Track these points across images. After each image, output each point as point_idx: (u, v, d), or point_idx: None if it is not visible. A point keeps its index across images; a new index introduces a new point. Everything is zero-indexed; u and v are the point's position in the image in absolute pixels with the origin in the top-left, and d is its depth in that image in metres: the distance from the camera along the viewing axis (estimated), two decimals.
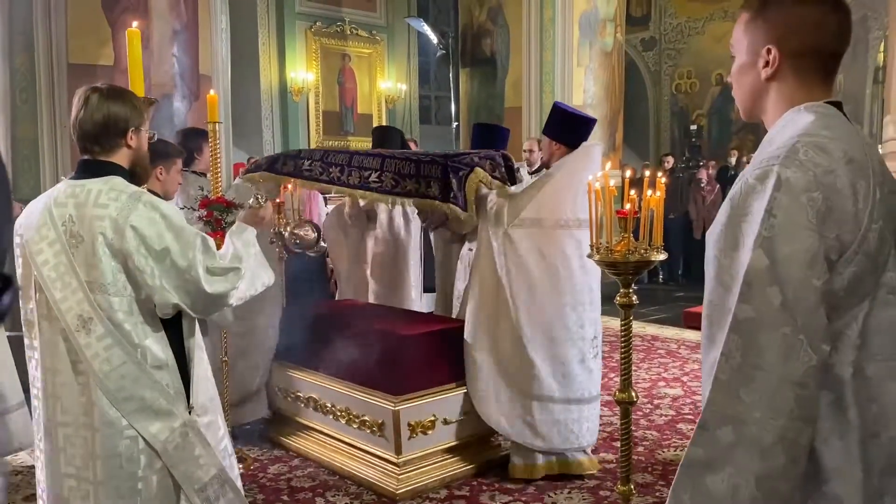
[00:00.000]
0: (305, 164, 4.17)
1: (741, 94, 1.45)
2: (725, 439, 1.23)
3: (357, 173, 4.00)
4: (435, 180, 3.73)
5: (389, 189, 3.91)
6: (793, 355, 1.19)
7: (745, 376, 1.22)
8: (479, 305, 3.68)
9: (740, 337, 1.22)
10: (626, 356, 2.95)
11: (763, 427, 1.20)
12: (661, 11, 13.24)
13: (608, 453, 4.00)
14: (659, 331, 7.17)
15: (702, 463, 1.26)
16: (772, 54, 1.35)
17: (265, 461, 3.97)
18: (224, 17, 6.39)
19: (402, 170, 3.87)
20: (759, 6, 1.38)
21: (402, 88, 13.00)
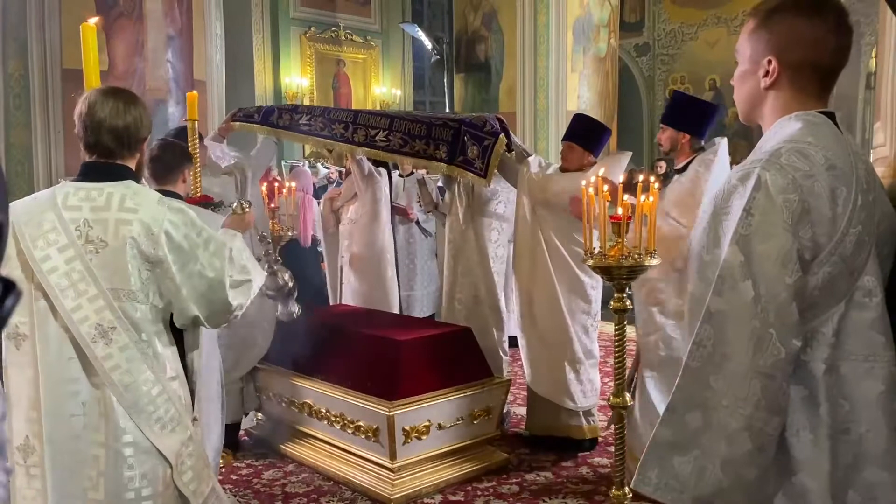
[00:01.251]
0: (304, 119, 4.17)
1: (740, 99, 1.50)
2: (694, 423, 1.29)
3: (363, 131, 4.03)
4: (444, 143, 3.81)
5: (397, 148, 3.98)
6: (762, 347, 1.24)
7: (715, 365, 1.27)
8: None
9: (712, 327, 1.28)
10: (619, 361, 2.96)
11: (730, 414, 1.26)
12: (655, 17, 13.29)
13: (602, 458, 4.00)
14: None
15: (670, 444, 1.32)
16: (772, 65, 1.41)
17: (259, 467, 3.96)
18: (218, 22, 6.39)
19: (413, 130, 3.93)
20: (763, 16, 1.42)
21: (397, 94, 13.02)
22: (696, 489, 1.28)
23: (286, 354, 4.20)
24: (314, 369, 3.96)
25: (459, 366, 3.77)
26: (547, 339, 4.06)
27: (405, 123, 3.97)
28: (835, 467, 1.30)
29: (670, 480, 1.31)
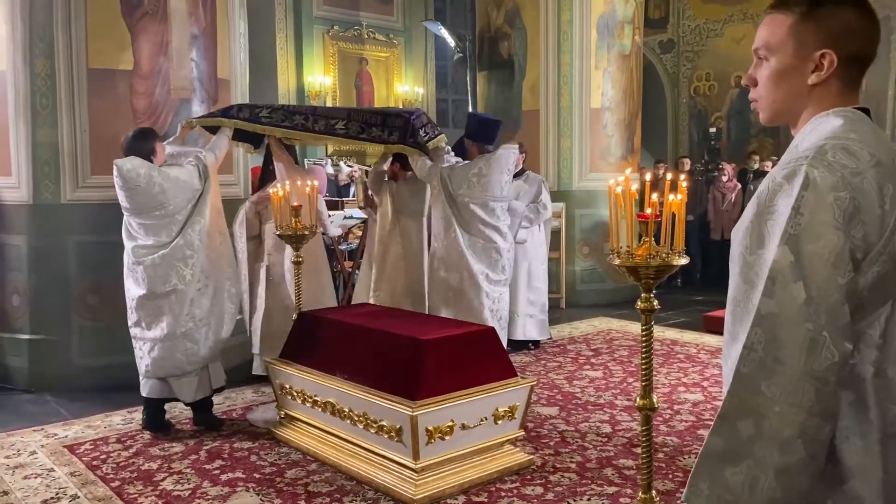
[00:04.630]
0: (264, 112, 4.70)
1: (775, 98, 1.42)
2: (745, 432, 1.25)
3: (323, 121, 4.69)
4: (396, 129, 4.73)
5: (355, 135, 4.76)
6: (815, 351, 1.21)
7: (766, 370, 1.23)
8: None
9: (763, 331, 1.24)
10: (646, 362, 2.91)
11: (783, 421, 1.22)
12: (680, 14, 13.14)
13: (628, 460, 3.96)
14: (678, 335, 7.10)
15: (721, 454, 1.28)
16: (827, 59, 1.35)
17: (283, 465, 3.96)
18: (242, 22, 6.41)
19: (370, 119, 4.76)
20: (808, 8, 1.36)
21: (419, 92, 13.01)
22: (750, 501, 1.24)
23: (309, 352, 4.20)
24: (337, 368, 3.94)
25: (483, 365, 3.74)
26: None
27: (362, 114, 4.77)
28: (887, 473, 1.27)
29: (722, 493, 1.27)
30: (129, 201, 4.33)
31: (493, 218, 5.04)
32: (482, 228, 4.99)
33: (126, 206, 4.36)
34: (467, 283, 4.98)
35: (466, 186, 4.93)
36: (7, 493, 3.66)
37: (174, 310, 4.38)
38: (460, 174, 4.95)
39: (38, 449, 4.25)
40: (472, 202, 4.95)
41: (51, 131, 5.40)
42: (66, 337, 5.44)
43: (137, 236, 4.39)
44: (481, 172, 4.96)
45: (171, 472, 3.88)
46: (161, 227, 4.37)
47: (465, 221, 4.98)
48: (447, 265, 5.03)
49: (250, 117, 4.80)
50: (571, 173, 8.88)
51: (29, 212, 5.52)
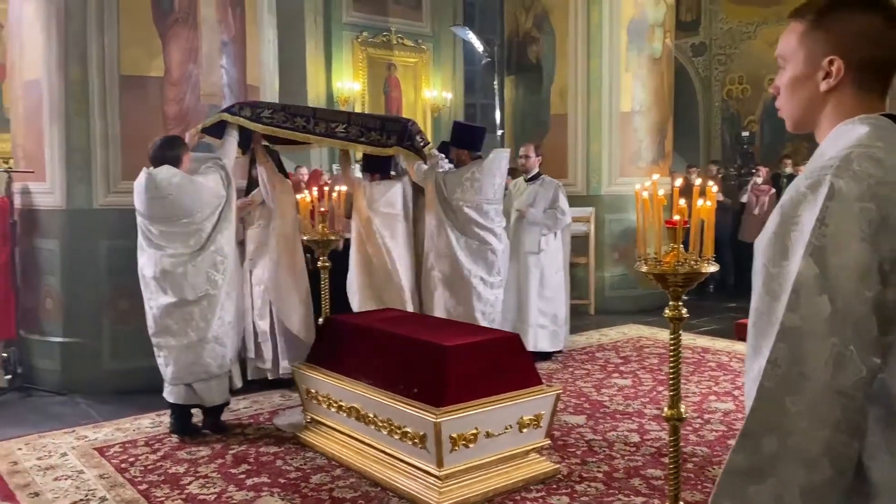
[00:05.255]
0: (265, 113, 4.77)
1: (793, 107, 1.42)
2: (769, 449, 1.21)
3: (324, 124, 4.81)
4: (394, 133, 4.92)
5: (354, 138, 4.91)
6: (842, 366, 1.17)
7: (791, 385, 1.20)
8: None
9: (787, 346, 1.20)
10: (674, 371, 2.86)
11: (809, 438, 1.18)
12: (712, 16, 12.98)
13: (656, 469, 3.89)
14: (710, 343, 6.99)
15: (744, 471, 1.24)
16: (835, 65, 1.33)
17: (308, 470, 3.96)
18: (272, 28, 6.46)
19: (368, 124, 4.95)
20: (817, 15, 1.35)
21: (447, 97, 13.01)
22: None
23: (334, 357, 4.20)
24: (362, 373, 3.94)
25: (508, 372, 3.71)
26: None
27: (362, 118, 4.97)
28: None
29: None
30: (159, 210, 4.35)
31: (488, 220, 5.23)
32: (477, 230, 5.18)
33: (150, 215, 4.38)
34: (459, 284, 5.16)
35: (461, 190, 5.13)
36: (38, 494, 3.71)
37: (206, 315, 4.42)
38: (454, 178, 5.16)
39: (69, 451, 4.31)
40: (465, 205, 5.14)
41: (83, 137, 5.49)
42: (97, 340, 5.52)
43: (163, 244, 4.39)
44: (474, 176, 5.16)
45: (198, 476, 3.90)
46: (189, 235, 4.39)
47: (459, 224, 5.16)
48: (440, 267, 5.19)
49: (251, 117, 4.87)
50: (601, 178, 8.80)
51: (62, 217, 5.61)
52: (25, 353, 5.77)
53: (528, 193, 6.33)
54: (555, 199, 6.29)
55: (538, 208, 6.23)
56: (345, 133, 4.87)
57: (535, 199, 6.26)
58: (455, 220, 5.15)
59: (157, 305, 4.42)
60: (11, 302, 5.74)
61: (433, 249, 5.22)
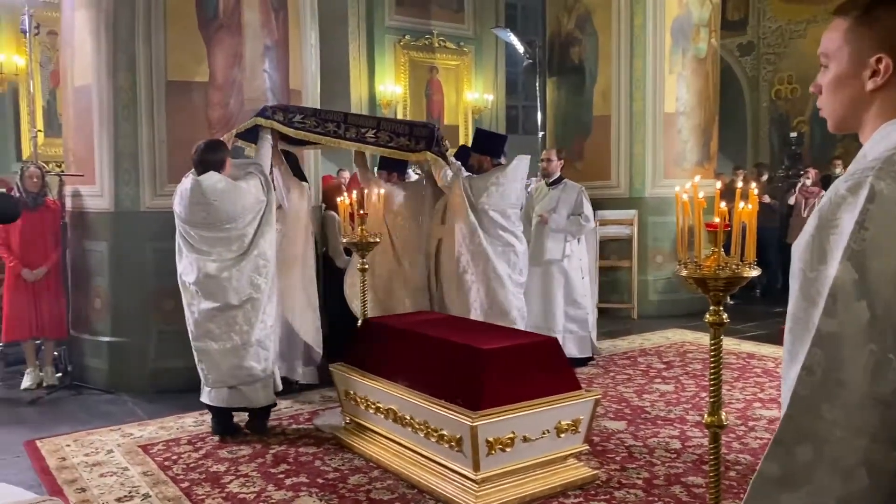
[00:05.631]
0: (297, 117, 4.81)
1: (835, 106, 1.37)
2: (804, 457, 1.18)
3: (354, 129, 4.86)
4: (423, 138, 5.02)
5: (384, 143, 4.98)
6: (881, 374, 1.13)
7: (827, 393, 1.16)
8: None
9: (823, 352, 1.17)
10: (715, 377, 2.79)
11: (845, 447, 1.15)
12: (760, 15, 12.72)
13: (697, 477, 3.81)
14: (755, 348, 6.83)
15: (777, 480, 1.20)
16: (882, 63, 1.28)
17: (346, 471, 3.99)
18: (314, 33, 6.53)
19: (397, 129, 5.02)
20: (863, 11, 1.30)
21: (489, 99, 12.99)
22: None
23: (372, 359, 4.22)
24: (399, 375, 3.95)
25: (546, 377, 3.67)
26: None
27: (391, 123, 5.02)
28: None
29: None
30: (202, 215, 4.37)
31: (510, 223, 5.37)
32: (501, 233, 5.31)
33: (192, 220, 4.41)
34: (495, 284, 5.26)
35: (486, 195, 5.25)
36: (84, 489, 3.80)
37: (250, 319, 4.45)
38: (480, 184, 5.29)
39: (115, 448, 4.41)
40: (491, 209, 5.26)
41: (131, 142, 5.62)
42: (144, 340, 5.64)
43: (205, 249, 4.41)
44: (499, 181, 5.29)
45: (238, 475, 3.96)
46: (232, 240, 4.42)
47: (485, 227, 5.28)
48: (474, 269, 5.27)
49: (284, 121, 4.93)
50: (644, 180, 8.69)
51: (110, 219, 5.75)
52: (76, 351, 5.94)
53: (549, 198, 6.22)
54: (579, 205, 6.17)
55: (561, 214, 6.12)
56: (374, 138, 4.94)
57: (557, 204, 6.16)
58: (482, 223, 5.27)
59: (200, 310, 4.45)
60: (63, 302, 5.91)
61: (465, 252, 5.27)
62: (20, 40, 8.37)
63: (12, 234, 5.77)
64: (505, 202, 5.30)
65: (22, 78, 9.01)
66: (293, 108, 5.02)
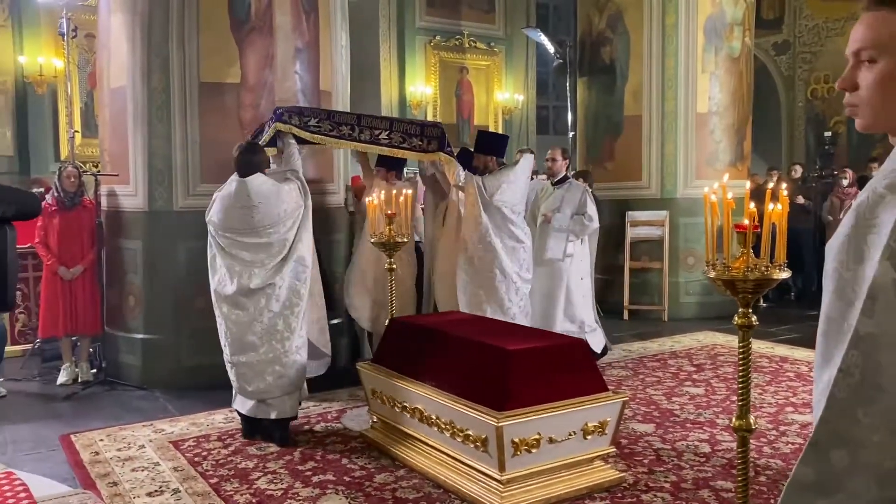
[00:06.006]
0: (313, 121, 4.81)
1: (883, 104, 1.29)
2: (840, 462, 1.16)
3: (368, 132, 4.89)
4: (434, 139, 5.06)
5: (398, 144, 5.01)
6: None
7: (864, 396, 1.14)
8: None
9: (861, 354, 1.14)
10: (743, 380, 2.76)
11: (883, 452, 1.12)
12: (796, 13, 12.51)
13: (726, 482, 3.76)
14: (789, 352, 6.72)
15: (812, 485, 1.19)
16: None
17: (372, 469, 4.01)
18: (344, 34, 6.57)
19: (409, 130, 5.04)
20: None
21: (519, 99, 12.96)
22: None
23: (399, 358, 4.24)
24: (425, 374, 3.96)
25: (572, 378, 3.66)
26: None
27: (403, 125, 5.04)
28: None
29: None
30: (245, 220, 4.26)
31: (520, 219, 5.54)
32: (512, 229, 5.43)
33: (233, 226, 4.30)
34: (499, 280, 5.37)
35: (499, 192, 5.37)
36: (116, 483, 3.88)
37: (291, 325, 4.37)
38: (493, 182, 5.42)
39: (147, 443, 4.49)
40: (504, 206, 5.40)
41: (165, 142, 5.71)
42: (176, 337, 5.73)
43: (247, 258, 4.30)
44: (510, 179, 5.44)
45: (266, 472, 4.00)
46: (273, 246, 4.33)
47: (497, 224, 5.40)
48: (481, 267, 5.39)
49: (300, 125, 4.91)
50: (676, 180, 8.60)
51: (144, 218, 5.85)
52: (110, 348, 6.05)
53: (554, 198, 6.14)
54: (582, 205, 6.06)
55: (564, 213, 6.03)
56: (388, 140, 4.98)
57: (561, 203, 6.07)
58: (494, 221, 5.39)
59: (238, 322, 4.33)
60: (98, 300, 6.03)
61: (477, 252, 5.38)
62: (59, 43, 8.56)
63: (50, 233, 5.90)
64: (515, 199, 5.46)
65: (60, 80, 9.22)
66: (307, 110, 4.99)
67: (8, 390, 5.69)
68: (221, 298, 4.37)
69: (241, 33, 5.72)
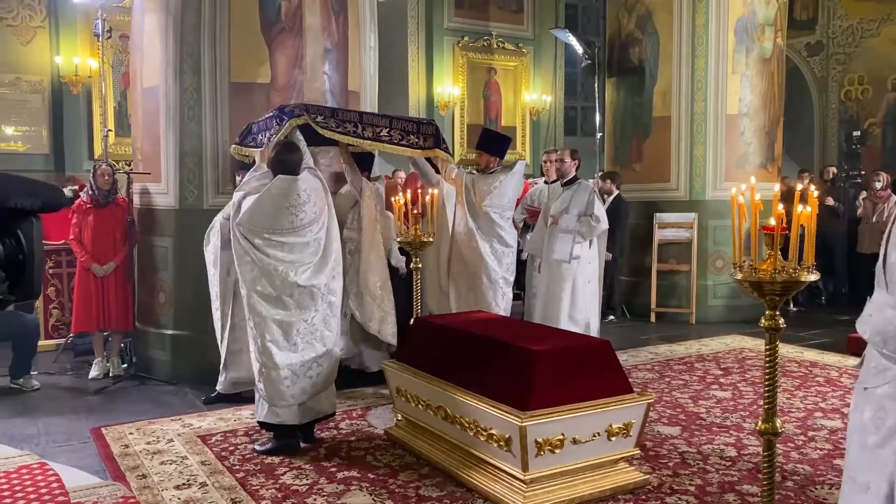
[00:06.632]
0: (319, 118, 4.79)
1: None
2: None
3: (371, 129, 4.95)
4: (430, 136, 5.14)
5: (397, 142, 5.06)
6: None
7: None
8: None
9: None
10: (770, 383, 2.74)
11: None
12: (830, 13, 12.32)
13: (753, 486, 3.73)
14: (819, 357, 6.63)
15: None
16: None
17: (396, 467, 4.03)
18: (373, 35, 6.61)
19: (407, 127, 5.10)
20: None
21: (547, 100, 12.92)
22: None
23: (423, 357, 4.26)
24: (450, 373, 3.97)
25: (597, 379, 3.65)
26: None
27: (401, 122, 5.08)
28: None
29: None
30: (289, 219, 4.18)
31: (507, 223, 5.61)
32: (500, 232, 5.51)
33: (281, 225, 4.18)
34: (486, 286, 5.47)
35: (490, 196, 5.46)
36: (145, 476, 3.94)
37: (330, 323, 4.36)
38: (483, 184, 5.52)
39: (175, 437, 4.56)
40: (492, 211, 5.47)
41: (196, 141, 5.79)
42: (204, 334, 5.78)
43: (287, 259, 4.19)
44: (501, 183, 5.51)
45: (292, 467, 4.05)
46: (312, 244, 4.29)
47: (485, 227, 5.49)
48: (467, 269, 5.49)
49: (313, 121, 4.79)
50: (705, 182, 8.53)
51: (175, 216, 5.94)
52: (141, 343, 6.15)
53: (562, 199, 6.04)
54: (589, 205, 5.91)
55: (571, 215, 5.91)
56: (388, 137, 5.03)
57: (569, 204, 5.96)
58: (480, 224, 5.48)
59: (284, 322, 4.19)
60: (129, 296, 6.13)
61: (461, 252, 5.49)
62: (94, 44, 8.72)
63: (84, 229, 6.02)
64: (504, 203, 5.54)
65: (95, 80, 9.39)
66: (312, 108, 4.87)
67: (41, 383, 5.82)
68: (255, 311, 4.17)
69: (272, 34, 5.79)
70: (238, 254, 4.24)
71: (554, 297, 5.92)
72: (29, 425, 4.86)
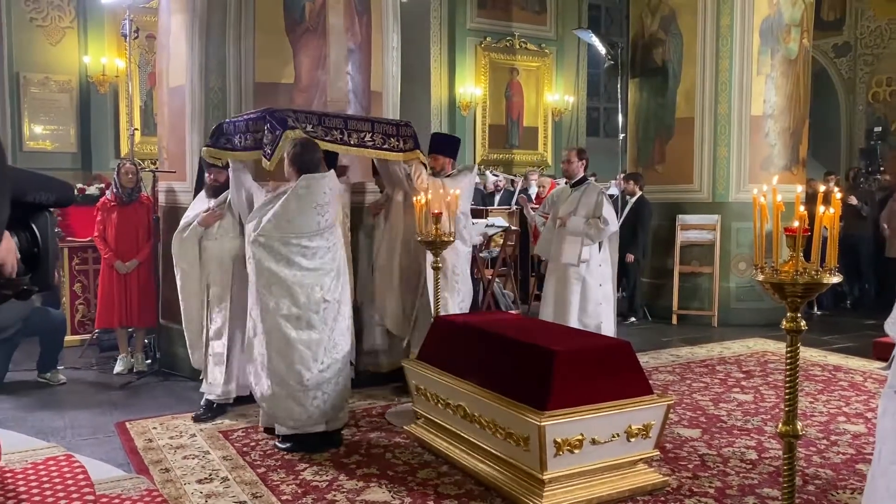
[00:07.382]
0: (308, 127, 4.75)
1: None
2: None
3: (355, 135, 4.92)
4: (409, 138, 5.17)
5: (379, 146, 5.06)
6: None
7: None
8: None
9: None
10: (791, 386, 2.72)
11: None
12: (858, 14, 12.17)
13: (773, 489, 3.70)
14: (842, 361, 6.55)
15: None
16: None
17: (415, 465, 4.06)
18: (395, 35, 6.64)
19: (387, 131, 5.10)
20: None
21: (570, 101, 12.89)
22: None
23: (443, 356, 4.28)
24: (469, 372, 3.98)
25: (617, 380, 3.64)
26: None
27: (381, 126, 5.07)
28: None
29: None
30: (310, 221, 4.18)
31: (468, 223, 5.68)
32: (463, 232, 5.46)
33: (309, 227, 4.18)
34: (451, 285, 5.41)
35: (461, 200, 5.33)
36: (168, 470, 4.00)
37: (345, 332, 4.39)
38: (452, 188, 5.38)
39: (198, 433, 4.62)
40: (460, 211, 5.36)
41: None
42: None
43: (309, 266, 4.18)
44: (464, 185, 5.50)
45: (312, 463, 4.08)
46: (330, 250, 4.28)
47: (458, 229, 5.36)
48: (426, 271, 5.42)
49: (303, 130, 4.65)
50: (728, 184, 8.46)
51: None
52: (164, 340, 6.23)
53: (570, 200, 5.92)
54: (598, 207, 5.75)
55: (579, 217, 5.78)
56: (372, 141, 5.00)
57: (577, 206, 5.83)
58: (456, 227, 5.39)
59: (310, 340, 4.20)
60: (153, 293, 6.22)
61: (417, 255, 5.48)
62: (121, 44, 8.86)
63: (108, 227, 6.11)
64: (466, 204, 5.62)
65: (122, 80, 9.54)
66: (301, 114, 4.76)
67: (68, 378, 5.92)
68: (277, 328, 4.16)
69: (296, 34, 5.83)
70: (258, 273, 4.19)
71: (563, 300, 5.79)
72: (56, 418, 4.95)
